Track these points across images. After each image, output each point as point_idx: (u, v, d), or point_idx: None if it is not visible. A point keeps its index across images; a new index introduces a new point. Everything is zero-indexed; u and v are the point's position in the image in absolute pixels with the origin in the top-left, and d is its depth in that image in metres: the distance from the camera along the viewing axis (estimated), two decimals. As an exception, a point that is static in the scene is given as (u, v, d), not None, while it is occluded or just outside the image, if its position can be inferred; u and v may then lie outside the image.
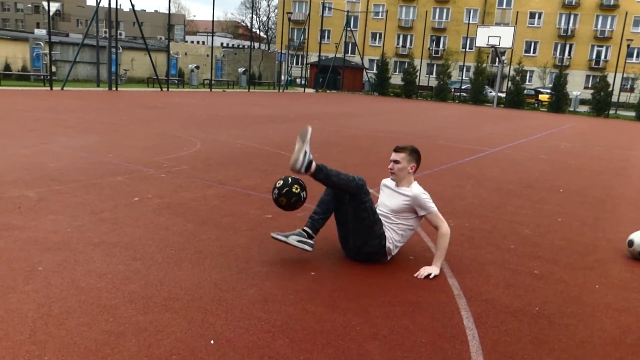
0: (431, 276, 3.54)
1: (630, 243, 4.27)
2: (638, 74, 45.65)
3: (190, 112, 14.60)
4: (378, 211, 3.84)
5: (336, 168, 3.70)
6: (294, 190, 3.59)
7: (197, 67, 31.48)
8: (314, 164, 3.54)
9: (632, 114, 32.12)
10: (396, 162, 3.80)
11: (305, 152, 3.53)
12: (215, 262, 3.58)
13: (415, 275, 3.56)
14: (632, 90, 45.68)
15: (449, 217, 5.15)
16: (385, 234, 3.72)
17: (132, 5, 24.93)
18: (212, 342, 2.53)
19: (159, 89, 25.32)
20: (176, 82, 30.02)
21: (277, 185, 3.63)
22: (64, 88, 21.32)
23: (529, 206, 5.95)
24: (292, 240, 3.66)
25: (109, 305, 2.82)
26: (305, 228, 3.73)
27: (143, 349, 2.43)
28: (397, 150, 3.84)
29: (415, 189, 3.79)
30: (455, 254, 4.12)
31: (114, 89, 23.20)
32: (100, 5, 23.50)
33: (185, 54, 35.57)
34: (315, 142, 10.27)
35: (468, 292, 3.36)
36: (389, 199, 3.87)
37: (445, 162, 8.75)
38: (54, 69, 24.52)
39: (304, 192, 3.66)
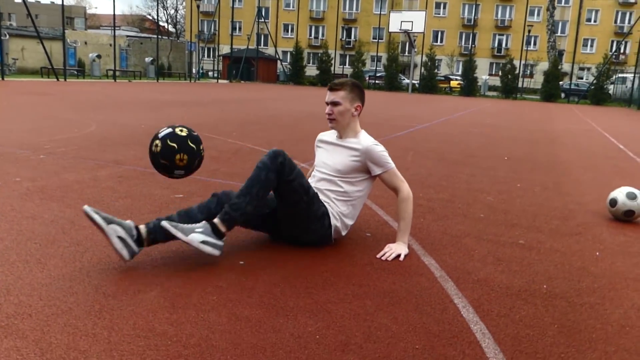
0: (401, 257, 2.67)
1: (613, 202, 3.66)
2: (537, 60, 48.15)
3: (87, 98, 12.91)
4: (316, 174, 2.90)
5: (260, 146, 2.68)
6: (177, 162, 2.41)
7: (99, 57, 28.93)
8: (218, 223, 2.45)
9: (536, 97, 33.64)
10: (335, 103, 2.80)
11: (205, 241, 2.40)
12: (99, 256, 2.49)
13: (379, 256, 2.67)
14: (531, 76, 48.12)
15: (399, 187, 4.33)
16: (328, 210, 2.77)
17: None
18: (79, 385, 1.49)
19: (55, 79, 22.83)
20: (75, 72, 27.38)
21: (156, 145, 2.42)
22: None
23: (481, 173, 5.30)
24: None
25: None
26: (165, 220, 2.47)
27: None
28: (334, 87, 2.82)
29: (366, 140, 2.86)
30: (420, 226, 3.28)
31: (0, 79, 20.54)
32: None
33: (85, 43, 32.68)
34: (234, 122, 9.22)
35: (453, 273, 2.52)
36: (330, 156, 2.90)
37: (377, 137, 8.00)
38: None
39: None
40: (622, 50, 48.50)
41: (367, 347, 1.78)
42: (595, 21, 51.02)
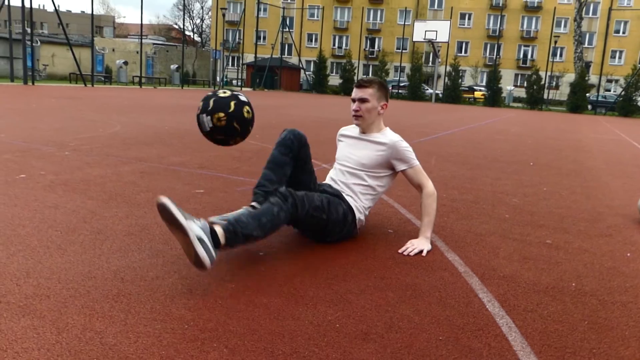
0: (424, 253, 2.60)
1: (645, 205, 3.53)
2: (563, 72, 47.43)
3: (113, 102, 13.11)
4: (339, 167, 2.86)
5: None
6: (215, 121, 2.23)
7: (126, 63, 29.46)
8: (219, 233, 2.11)
9: (562, 108, 33.11)
10: (363, 100, 2.78)
11: (200, 238, 1.99)
12: (119, 244, 2.48)
13: (401, 251, 2.61)
14: (557, 87, 47.43)
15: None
16: (352, 204, 2.73)
17: (55, 6, 22.81)
18: (94, 362, 1.47)
19: (83, 85, 23.31)
20: (102, 78, 27.92)
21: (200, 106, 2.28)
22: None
23: (506, 177, 5.18)
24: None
25: None
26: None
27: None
28: (363, 85, 2.79)
29: (392, 136, 2.85)
30: (444, 225, 3.21)
31: (30, 83, 21.04)
32: (17, 4, 21.33)
33: (113, 50, 33.36)
34: (256, 125, 9.22)
35: (477, 269, 2.45)
36: (355, 150, 2.87)
37: (400, 142, 7.93)
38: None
39: (208, 117, 2.23)
40: (651, 62, 47.53)
41: (388, 337, 1.72)
42: (624, 32, 50.11)
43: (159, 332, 1.67)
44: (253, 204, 2.41)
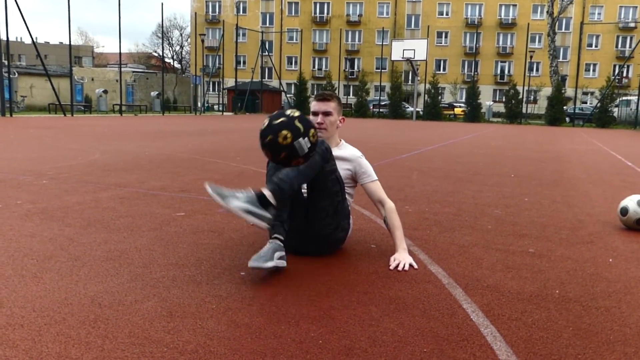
0: (414, 265, 2.60)
1: (624, 211, 3.57)
2: (540, 86, 48.29)
3: (92, 131, 13.01)
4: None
5: (263, 168, 2.68)
6: (280, 140, 2.23)
7: (105, 92, 29.37)
8: (268, 195, 2.30)
9: (541, 121, 33.66)
10: (327, 113, 2.80)
11: (245, 210, 2.21)
12: (97, 270, 2.43)
13: (393, 268, 2.57)
14: (535, 101, 48.24)
15: (404, 203, 4.28)
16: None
17: (32, 38, 22.71)
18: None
19: (62, 115, 23.13)
20: (82, 107, 27.74)
21: (262, 127, 2.33)
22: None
23: (487, 190, 5.22)
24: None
25: None
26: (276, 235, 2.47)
27: None
28: (326, 98, 2.83)
29: (353, 150, 2.93)
30: (427, 238, 3.20)
31: (8, 115, 20.81)
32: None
33: (92, 79, 33.24)
34: (238, 148, 9.20)
35: (461, 280, 2.43)
36: None
37: (382, 159, 7.97)
38: None
39: (305, 139, 2.24)
40: (624, 74, 48.70)
41: (372, 351, 1.69)
42: (596, 46, 51.38)
43: (138, 356, 1.62)
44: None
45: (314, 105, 2.85)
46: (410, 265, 2.58)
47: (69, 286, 2.20)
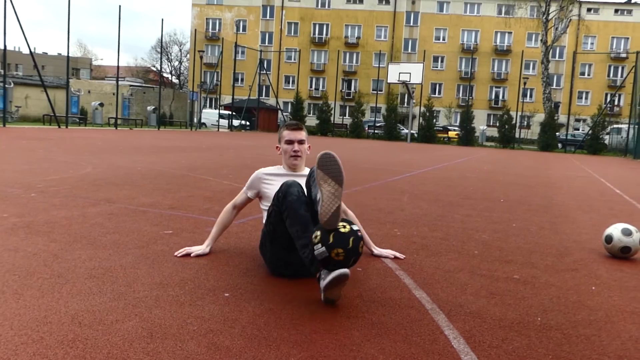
0: (400, 256, 3.16)
1: (609, 239, 3.60)
2: (533, 112, 48.78)
3: (86, 144, 13.00)
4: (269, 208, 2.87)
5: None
6: (334, 256, 2.26)
7: (101, 105, 29.38)
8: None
9: (533, 147, 33.94)
10: (301, 142, 3.12)
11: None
12: (80, 287, 2.41)
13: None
14: (528, 127, 48.69)
15: (392, 226, 4.29)
16: None
17: (30, 48, 22.81)
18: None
19: (57, 127, 23.10)
20: (77, 120, 27.72)
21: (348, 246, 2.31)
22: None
23: (476, 214, 5.24)
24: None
25: None
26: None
27: None
28: (299, 128, 3.13)
29: None
30: (413, 262, 3.21)
31: (0, 125, 20.77)
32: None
33: (89, 91, 33.30)
34: (231, 165, 9.21)
35: (444, 305, 2.44)
36: None
37: (374, 180, 8.00)
38: None
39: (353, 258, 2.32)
40: (616, 103, 49.31)
41: (351, 377, 1.69)
42: (589, 75, 52.12)
43: (114, 377, 1.61)
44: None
45: (287, 134, 3.08)
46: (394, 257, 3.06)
47: (49, 304, 2.19)
